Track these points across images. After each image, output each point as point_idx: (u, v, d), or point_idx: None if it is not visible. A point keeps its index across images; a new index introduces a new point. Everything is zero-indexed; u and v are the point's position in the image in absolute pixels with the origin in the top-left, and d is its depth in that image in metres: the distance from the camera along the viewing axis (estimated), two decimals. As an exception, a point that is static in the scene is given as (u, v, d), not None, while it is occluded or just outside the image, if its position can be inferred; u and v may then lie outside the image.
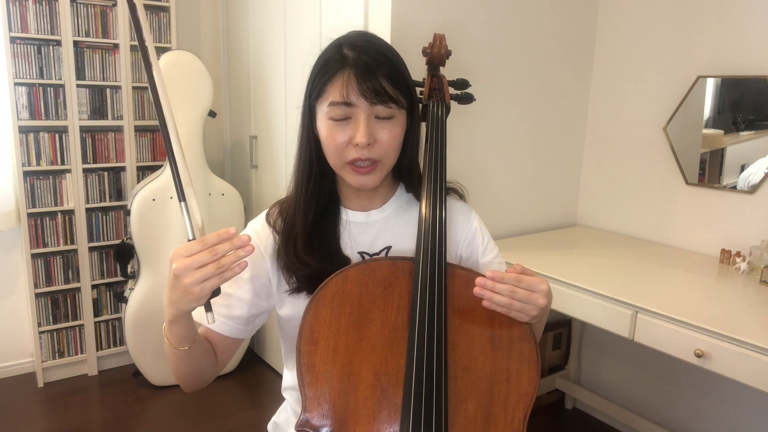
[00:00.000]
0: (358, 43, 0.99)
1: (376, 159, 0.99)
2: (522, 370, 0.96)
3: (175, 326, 0.90)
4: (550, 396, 2.84)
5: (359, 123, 0.97)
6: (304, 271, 1.02)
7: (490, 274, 0.92)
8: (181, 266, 0.82)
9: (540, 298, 0.92)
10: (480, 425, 0.93)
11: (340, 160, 1.00)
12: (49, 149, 2.77)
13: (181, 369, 0.99)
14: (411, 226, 1.09)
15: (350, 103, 0.96)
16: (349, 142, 0.98)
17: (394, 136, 1.00)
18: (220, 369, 1.08)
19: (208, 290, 0.83)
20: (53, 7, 2.68)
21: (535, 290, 0.92)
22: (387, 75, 0.97)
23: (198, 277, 0.81)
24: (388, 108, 0.98)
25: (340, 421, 0.92)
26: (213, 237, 0.83)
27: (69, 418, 2.62)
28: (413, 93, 1.05)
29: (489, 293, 0.92)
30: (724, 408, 2.25)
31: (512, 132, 2.42)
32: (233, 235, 0.84)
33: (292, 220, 1.05)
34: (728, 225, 2.17)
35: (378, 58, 0.98)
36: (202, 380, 1.05)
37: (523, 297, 0.92)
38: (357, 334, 0.95)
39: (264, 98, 2.86)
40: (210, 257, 0.82)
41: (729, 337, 1.49)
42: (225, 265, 0.82)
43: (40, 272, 2.83)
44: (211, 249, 0.82)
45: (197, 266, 0.81)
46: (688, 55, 2.24)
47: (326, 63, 0.99)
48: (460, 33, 2.16)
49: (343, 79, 0.96)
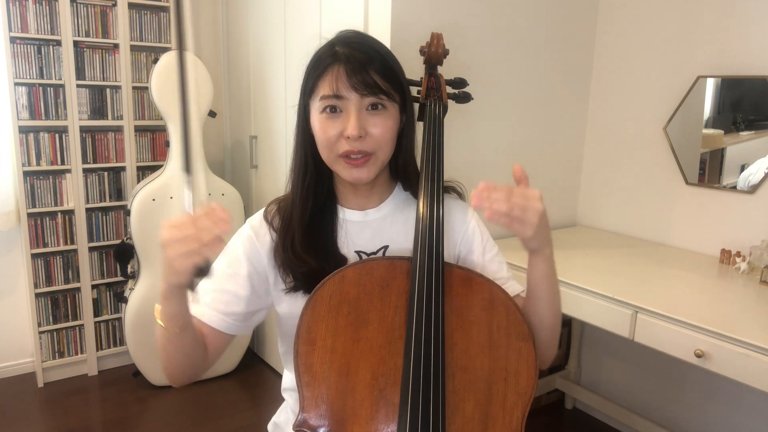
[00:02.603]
0: (351, 41, 1.00)
1: (369, 151, 0.99)
2: (520, 369, 0.96)
3: (167, 302, 0.89)
4: (550, 396, 2.84)
5: (350, 115, 0.97)
6: (302, 268, 1.02)
7: (483, 184, 0.89)
8: (166, 237, 0.81)
9: (536, 203, 0.90)
10: (478, 425, 0.93)
11: (332, 154, 1.00)
12: (49, 149, 2.77)
13: (169, 355, 0.97)
14: (408, 225, 1.09)
15: (340, 95, 0.96)
16: (341, 135, 0.98)
17: (387, 129, 1.00)
18: (209, 364, 1.06)
19: (189, 265, 0.81)
20: (53, 7, 2.68)
21: (529, 197, 0.91)
22: (378, 70, 0.98)
23: (180, 250, 0.80)
24: (379, 99, 0.98)
25: (338, 421, 0.92)
26: (201, 213, 0.82)
27: (69, 418, 2.62)
28: (406, 90, 1.05)
29: (488, 201, 0.89)
30: (724, 408, 2.24)
31: (512, 132, 2.42)
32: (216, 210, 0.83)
33: (289, 217, 1.05)
34: (728, 225, 2.17)
35: (370, 54, 0.98)
36: (189, 372, 1.03)
37: (520, 202, 0.90)
38: (354, 333, 0.95)
39: (264, 98, 2.85)
40: (194, 231, 0.81)
41: (729, 337, 1.49)
42: (203, 240, 0.81)
43: (40, 272, 2.83)
44: (194, 224, 0.81)
45: (180, 238, 0.81)
46: (688, 55, 2.23)
47: (318, 60, 1.00)
48: (461, 32, 2.16)
49: (333, 73, 0.97)
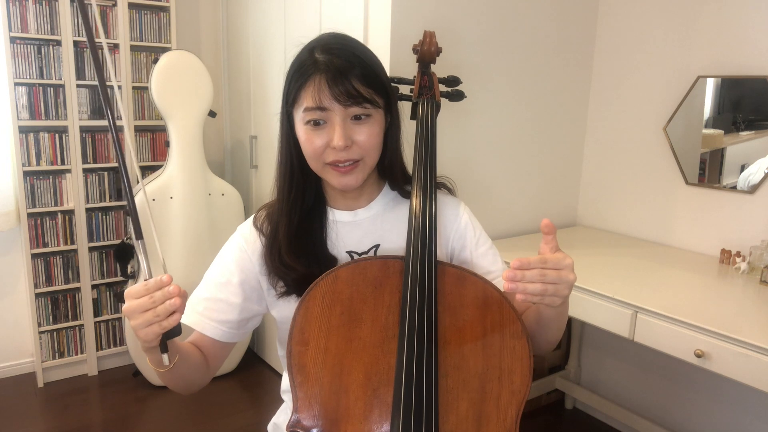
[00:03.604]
0: (330, 46, 0.98)
1: (357, 158, 0.99)
2: (514, 368, 0.95)
3: (147, 354, 0.90)
4: (550, 396, 2.83)
5: (335, 126, 0.96)
6: (291, 275, 1.02)
7: (516, 263, 0.85)
8: (127, 308, 0.81)
9: (569, 274, 0.87)
10: (472, 423, 0.93)
11: (320, 163, 1.00)
12: (49, 149, 2.78)
13: (167, 381, 0.99)
14: (398, 223, 1.09)
15: (324, 107, 0.96)
16: (327, 145, 0.98)
17: (373, 135, 0.99)
18: (212, 374, 1.07)
19: (153, 336, 0.82)
20: (53, 7, 2.68)
21: (562, 267, 0.86)
22: (359, 76, 0.96)
23: (140, 321, 0.81)
24: (363, 108, 0.97)
25: (331, 421, 0.92)
26: (153, 283, 0.81)
27: (69, 418, 2.63)
28: (389, 91, 1.03)
29: (522, 285, 0.85)
30: (724, 408, 2.23)
31: (511, 132, 2.41)
32: (165, 284, 0.82)
33: (275, 226, 1.05)
34: (728, 225, 2.16)
35: (350, 60, 0.97)
36: (193, 387, 1.04)
37: (553, 278, 0.86)
38: (348, 333, 0.94)
39: (264, 98, 2.85)
40: (149, 303, 0.80)
41: (729, 337, 1.49)
42: (160, 314, 0.80)
43: (40, 272, 2.84)
44: (150, 296, 0.81)
45: (141, 311, 0.81)
46: (688, 55, 2.23)
47: (299, 68, 0.98)
48: (461, 32, 2.15)
49: (314, 84, 0.95)
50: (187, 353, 0.98)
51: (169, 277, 0.83)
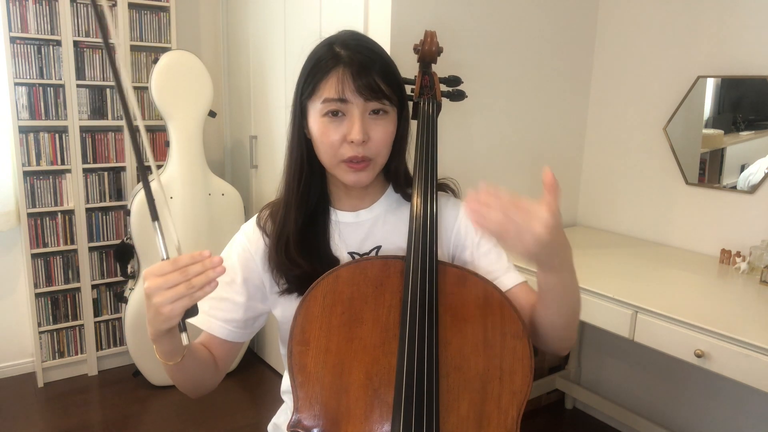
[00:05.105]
0: (350, 42, 1.00)
1: (370, 157, 0.99)
2: (515, 368, 0.95)
3: (158, 344, 0.89)
4: (550, 396, 2.83)
5: (354, 119, 0.96)
6: (295, 272, 1.02)
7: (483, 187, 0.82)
8: (152, 285, 0.80)
9: (537, 225, 0.78)
10: (473, 424, 0.93)
11: (334, 159, 1.00)
12: (49, 149, 2.78)
13: (176, 380, 0.99)
14: (400, 225, 1.08)
15: (345, 99, 0.96)
16: (343, 139, 0.97)
17: (388, 134, 1.00)
18: (221, 375, 1.07)
19: (179, 310, 0.81)
20: (53, 7, 2.68)
21: (533, 214, 0.79)
22: (380, 73, 0.98)
23: (169, 296, 0.80)
24: (382, 104, 0.98)
25: (332, 421, 0.92)
26: (186, 258, 0.81)
27: (69, 418, 2.63)
28: (404, 94, 1.05)
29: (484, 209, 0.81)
30: (724, 408, 2.24)
31: (511, 132, 2.41)
32: (206, 257, 0.82)
33: (283, 220, 1.05)
34: (728, 225, 2.16)
35: (371, 57, 0.98)
36: (201, 388, 1.04)
37: (520, 218, 0.79)
38: (348, 333, 0.94)
39: (264, 98, 2.85)
40: (181, 277, 0.80)
41: (729, 337, 1.49)
42: (196, 285, 0.80)
43: (40, 272, 2.83)
44: (182, 270, 0.80)
45: (168, 286, 0.80)
46: (688, 55, 2.23)
47: (318, 61, 0.99)
48: (461, 31, 2.15)
49: (338, 75, 0.96)
50: (195, 348, 0.98)
51: (209, 252, 0.83)
